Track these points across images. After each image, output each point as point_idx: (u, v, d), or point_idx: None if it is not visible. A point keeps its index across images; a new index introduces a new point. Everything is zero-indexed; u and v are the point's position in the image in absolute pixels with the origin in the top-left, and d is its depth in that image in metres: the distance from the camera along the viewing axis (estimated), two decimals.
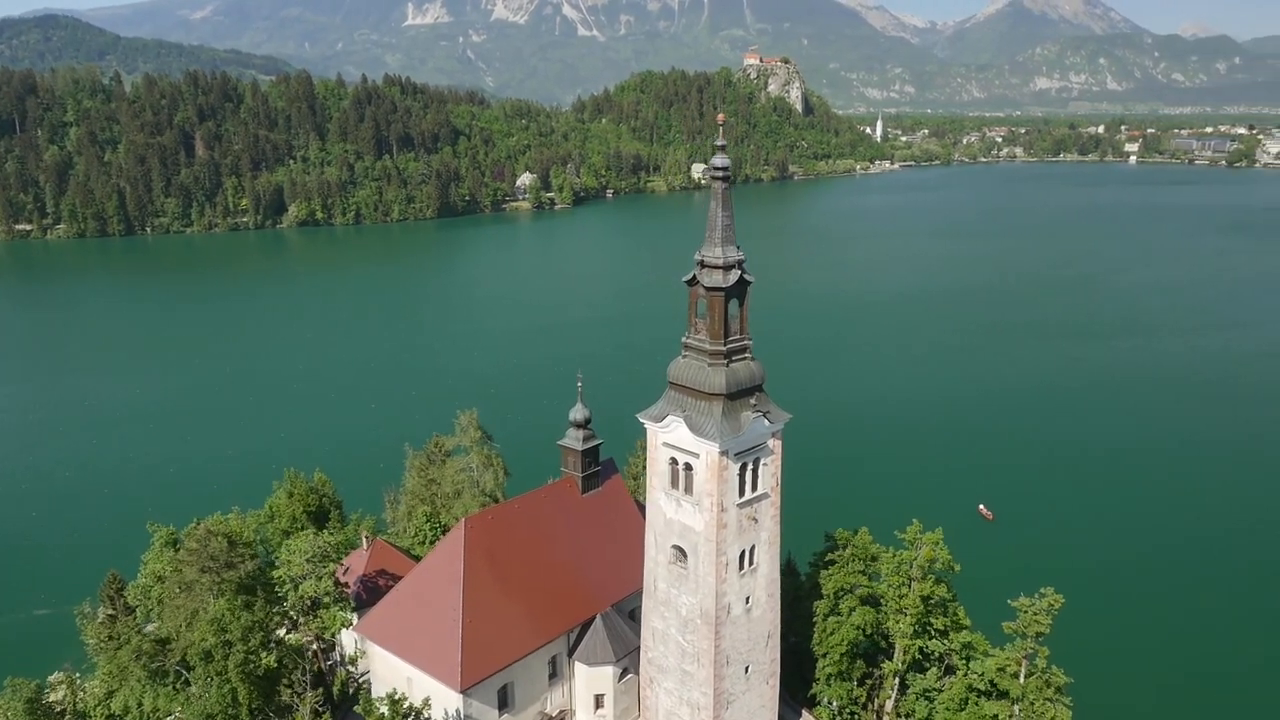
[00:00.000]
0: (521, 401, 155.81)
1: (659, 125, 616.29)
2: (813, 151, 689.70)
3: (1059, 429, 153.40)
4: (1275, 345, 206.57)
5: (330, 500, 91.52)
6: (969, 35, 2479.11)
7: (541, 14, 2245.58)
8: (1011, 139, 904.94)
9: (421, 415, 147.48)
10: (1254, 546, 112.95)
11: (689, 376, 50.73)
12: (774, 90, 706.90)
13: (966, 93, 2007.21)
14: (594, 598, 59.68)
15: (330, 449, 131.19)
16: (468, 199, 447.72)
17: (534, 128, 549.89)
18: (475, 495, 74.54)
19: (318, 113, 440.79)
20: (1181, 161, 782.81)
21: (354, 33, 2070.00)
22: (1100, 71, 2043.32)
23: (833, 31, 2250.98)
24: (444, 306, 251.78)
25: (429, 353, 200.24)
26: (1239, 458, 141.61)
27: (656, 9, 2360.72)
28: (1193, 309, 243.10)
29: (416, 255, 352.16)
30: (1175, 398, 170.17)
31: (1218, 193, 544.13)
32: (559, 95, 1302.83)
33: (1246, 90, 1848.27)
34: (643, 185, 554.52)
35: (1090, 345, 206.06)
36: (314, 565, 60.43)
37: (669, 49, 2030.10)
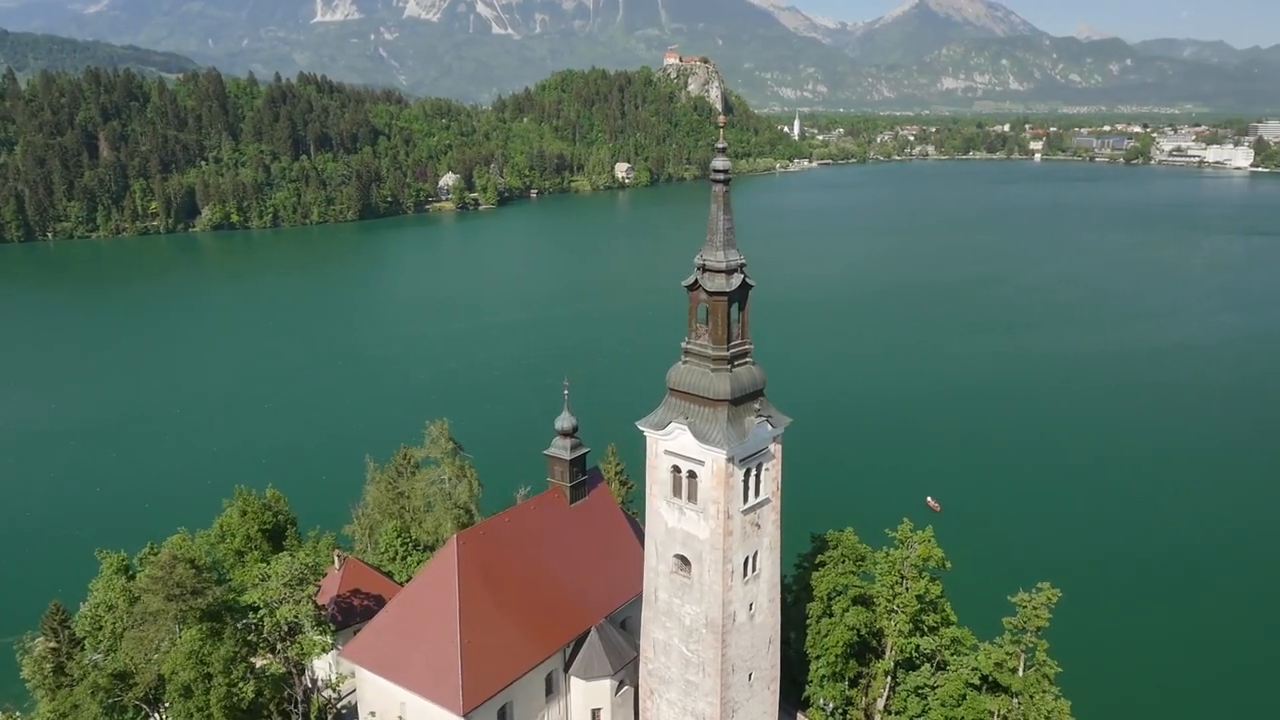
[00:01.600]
0: (472, 409, 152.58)
1: (581, 124, 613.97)
2: (733, 150, 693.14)
3: (1000, 422, 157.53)
4: (1188, 336, 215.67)
5: (285, 517, 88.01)
6: (878, 36, 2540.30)
7: (455, 11, 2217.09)
8: (923, 137, 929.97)
9: (372, 425, 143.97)
10: (1199, 529, 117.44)
11: (691, 382, 49.83)
12: (694, 90, 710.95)
13: (877, 92, 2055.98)
14: (588, 610, 58.35)
15: (280, 464, 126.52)
16: (390, 200, 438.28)
17: (455, 127, 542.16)
18: (448, 508, 72.25)
19: (230, 112, 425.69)
20: (1083, 159, 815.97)
21: (260, 29, 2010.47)
22: (1003, 72, 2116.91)
23: (746, 32, 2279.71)
24: (379, 311, 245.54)
25: (371, 360, 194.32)
26: (1178, 444, 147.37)
27: (571, 8, 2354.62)
28: (1110, 302, 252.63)
29: (343, 258, 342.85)
30: (1110, 388, 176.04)
31: (1118, 189, 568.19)
32: (474, 94, 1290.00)
33: (1137, 90, 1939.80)
34: (567, 185, 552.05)
35: (1016, 339, 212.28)
36: (292, 589, 57.64)
37: (585, 48, 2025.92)
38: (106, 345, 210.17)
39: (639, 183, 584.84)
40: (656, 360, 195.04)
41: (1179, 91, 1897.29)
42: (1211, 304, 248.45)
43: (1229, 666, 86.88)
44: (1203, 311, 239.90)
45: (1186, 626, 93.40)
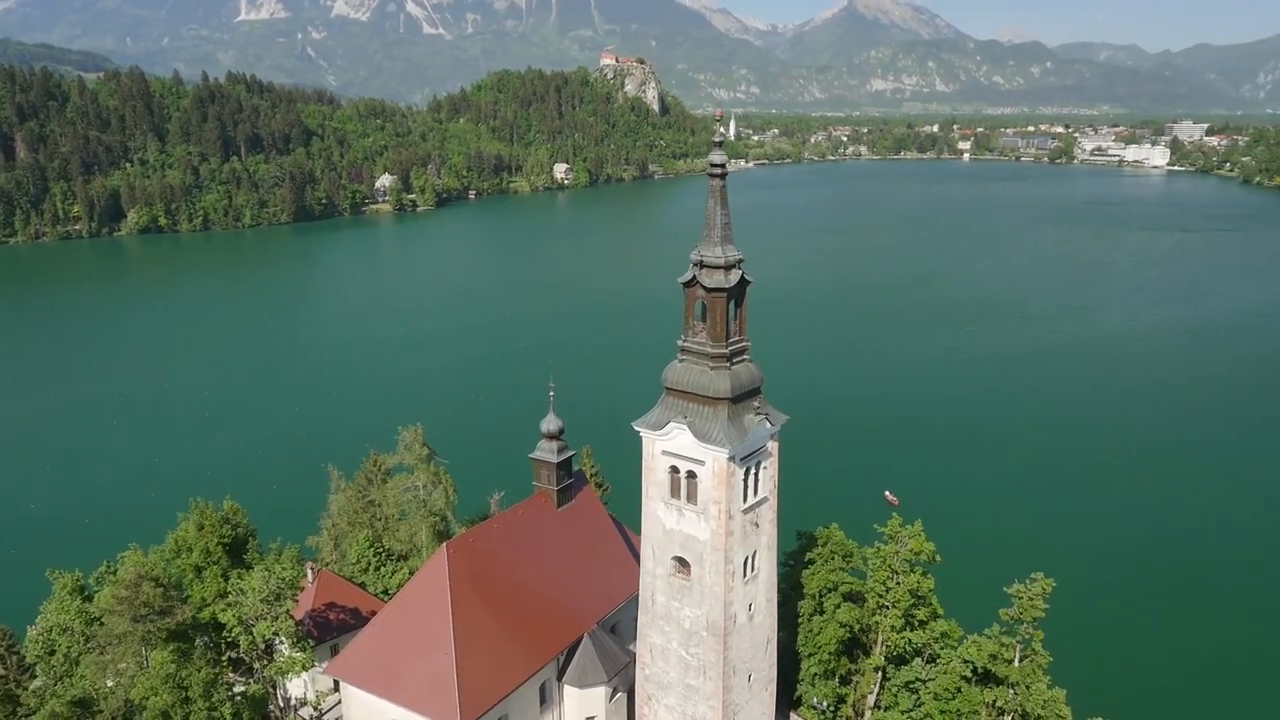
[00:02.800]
0: (432, 413, 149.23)
1: (519, 125, 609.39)
2: (671, 150, 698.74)
3: (955, 415, 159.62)
4: (1123, 328, 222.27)
5: (245, 530, 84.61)
6: (808, 38, 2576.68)
7: (384, 11, 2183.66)
8: (856, 138, 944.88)
9: (328, 432, 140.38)
10: (1165, 514, 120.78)
11: (690, 381, 48.89)
12: (631, 90, 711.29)
13: (808, 93, 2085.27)
14: (579, 616, 57.05)
15: (234, 474, 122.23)
16: (325, 202, 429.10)
17: (390, 128, 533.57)
18: (423, 516, 70.05)
19: (155, 112, 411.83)
20: (1009, 159, 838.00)
21: (181, 28, 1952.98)
22: (930, 74, 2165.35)
23: (679, 33, 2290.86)
24: (324, 316, 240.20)
25: (320, 366, 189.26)
26: (1128, 432, 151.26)
27: (504, 8, 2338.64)
28: (1045, 296, 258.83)
29: (282, 261, 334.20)
30: (1053, 379, 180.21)
31: (1045, 187, 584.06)
32: (406, 94, 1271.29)
33: (1057, 92, 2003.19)
34: (505, 186, 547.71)
35: (961, 334, 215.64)
36: (270, 605, 55.14)
37: (518, 48, 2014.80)
38: (33, 356, 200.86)
39: (578, 183, 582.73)
40: (624, 360, 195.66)
41: (1096, 93, 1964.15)
42: (1142, 298, 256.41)
43: (1209, 649, 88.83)
44: (1134, 305, 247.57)
45: (1163, 611, 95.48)
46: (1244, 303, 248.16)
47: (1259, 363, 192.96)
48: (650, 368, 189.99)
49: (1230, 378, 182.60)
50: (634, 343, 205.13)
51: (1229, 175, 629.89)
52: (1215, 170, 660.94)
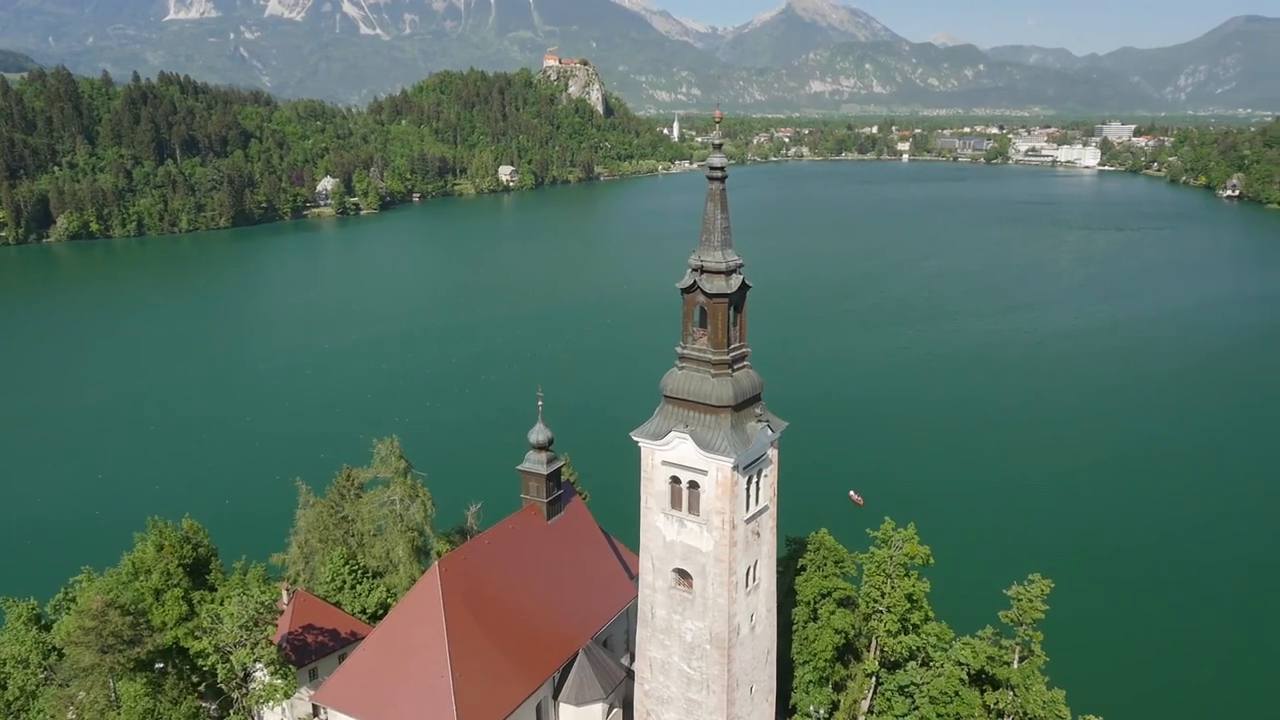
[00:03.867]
0: (391, 423, 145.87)
1: (462, 127, 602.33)
2: (616, 152, 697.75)
3: (919, 414, 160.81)
4: (1068, 324, 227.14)
5: (207, 549, 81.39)
6: (747, 40, 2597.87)
7: (320, 11, 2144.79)
8: (798, 139, 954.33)
9: (288, 445, 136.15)
10: (1129, 510, 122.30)
11: (691, 389, 47.73)
12: (575, 92, 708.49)
13: (749, 95, 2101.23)
14: (573, 632, 55.57)
15: (192, 491, 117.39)
16: (265, 206, 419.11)
17: (331, 130, 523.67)
18: (401, 531, 67.67)
19: (84, 114, 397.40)
20: (947, 159, 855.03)
21: (107, 27, 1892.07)
22: (867, 76, 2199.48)
23: (619, 35, 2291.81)
24: (269, 323, 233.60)
25: (270, 375, 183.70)
26: (1083, 427, 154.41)
27: (442, 9, 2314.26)
28: (992, 295, 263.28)
29: (220, 268, 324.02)
30: (1004, 376, 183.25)
31: (983, 187, 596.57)
32: (344, 95, 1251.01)
33: (990, 94, 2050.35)
34: (450, 188, 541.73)
35: (913, 332, 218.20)
36: (249, 632, 52.55)
37: (457, 49, 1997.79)
38: None
39: (524, 185, 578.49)
40: (595, 363, 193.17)
41: (1027, 95, 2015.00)
42: (1085, 295, 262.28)
43: (1198, 645, 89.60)
44: (1079, 302, 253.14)
45: (1152, 608, 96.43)
46: (1183, 298, 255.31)
47: (1209, 355, 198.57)
48: (620, 369, 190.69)
49: (1182, 371, 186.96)
50: (602, 346, 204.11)
51: (1157, 175, 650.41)
52: (1144, 170, 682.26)
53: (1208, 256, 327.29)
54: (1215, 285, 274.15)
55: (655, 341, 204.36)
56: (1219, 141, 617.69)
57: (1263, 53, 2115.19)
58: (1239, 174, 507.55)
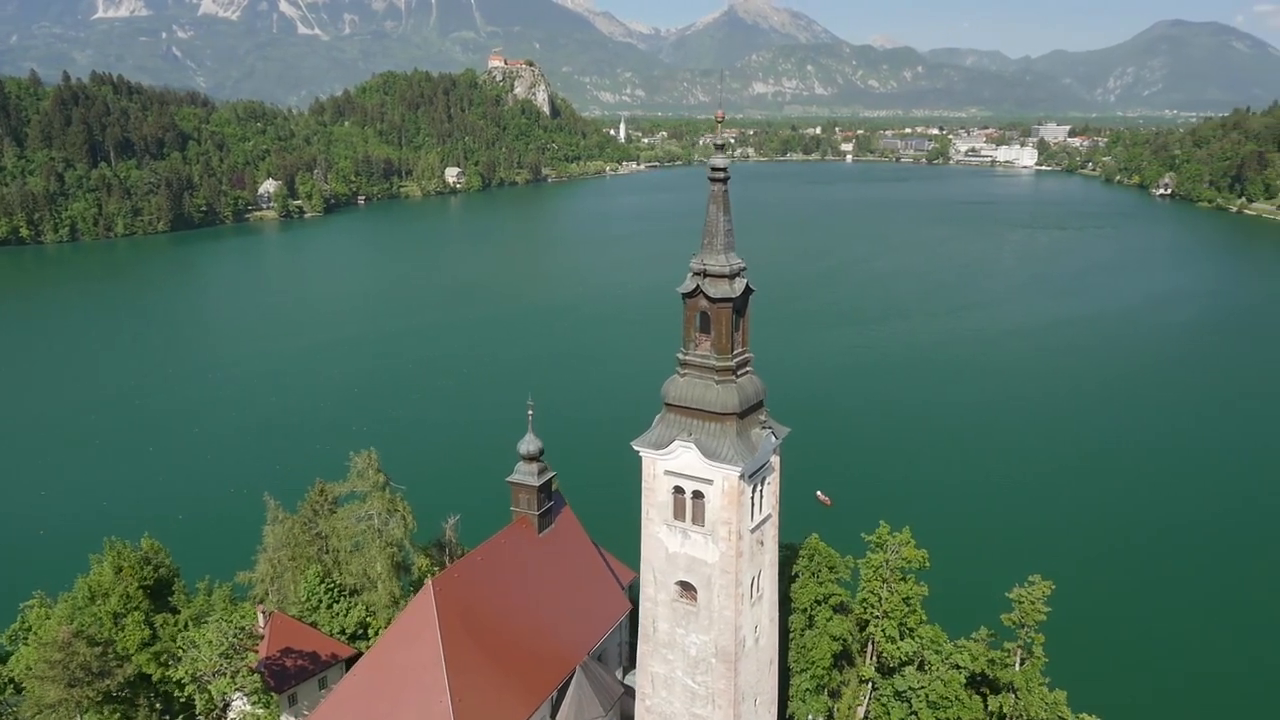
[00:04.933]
0: (349, 433, 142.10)
1: (407, 128, 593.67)
2: (563, 154, 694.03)
3: (876, 411, 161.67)
4: (1015, 322, 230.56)
5: (169, 570, 77.87)
6: (690, 42, 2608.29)
7: (256, 10, 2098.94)
8: (743, 140, 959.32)
9: (248, 458, 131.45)
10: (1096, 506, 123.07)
11: (695, 396, 46.53)
12: (521, 93, 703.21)
13: (692, 96, 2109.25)
14: (570, 648, 53.92)
15: (148, 508, 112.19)
16: (205, 209, 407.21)
17: (272, 131, 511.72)
18: (381, 547, 65.14)
19: (11, 115, 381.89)
20: (890, 159, 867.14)
21: (32, 25, 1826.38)
22: (809, 77, 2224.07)
23: (563, 36, 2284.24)
24: (215, 329, 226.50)
25: (222, 384, 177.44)
26: (1043, 424, 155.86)
27: (382, 9, 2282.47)
28: (940, 293, 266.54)
29: (161, 273, 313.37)
30: (957, 373, 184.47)
31: (926, 187, 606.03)
32: (282, 96, 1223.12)
33: (928, 95, 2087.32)
34: (396, 191, 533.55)
35: (866, 331, 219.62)
36: (228, 660, 49.89)
37: (398, 50, 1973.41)
38: None
39: (471, 187, 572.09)
40: (555, 368, 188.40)
41: (964, 96, 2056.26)
42: (1031, 292, 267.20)
43: (1187, 643, 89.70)
44: (1025, 299, 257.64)
45: (1142, 606, 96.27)
46: (1131, 294, 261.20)
47: (1166, 351, 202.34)
48: (585, 371, 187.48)
49: (1143, 367, 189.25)
50: (565, 349, 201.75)
51: (1092, 175, 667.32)
52: (1079, 170, 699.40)
53: (1149, 254, 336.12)
54: (1161, 281, 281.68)
55: (618, 344, 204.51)
56: (1150, 142, 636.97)
57: (1186, 56, 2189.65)
58: (1171, 173, 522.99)
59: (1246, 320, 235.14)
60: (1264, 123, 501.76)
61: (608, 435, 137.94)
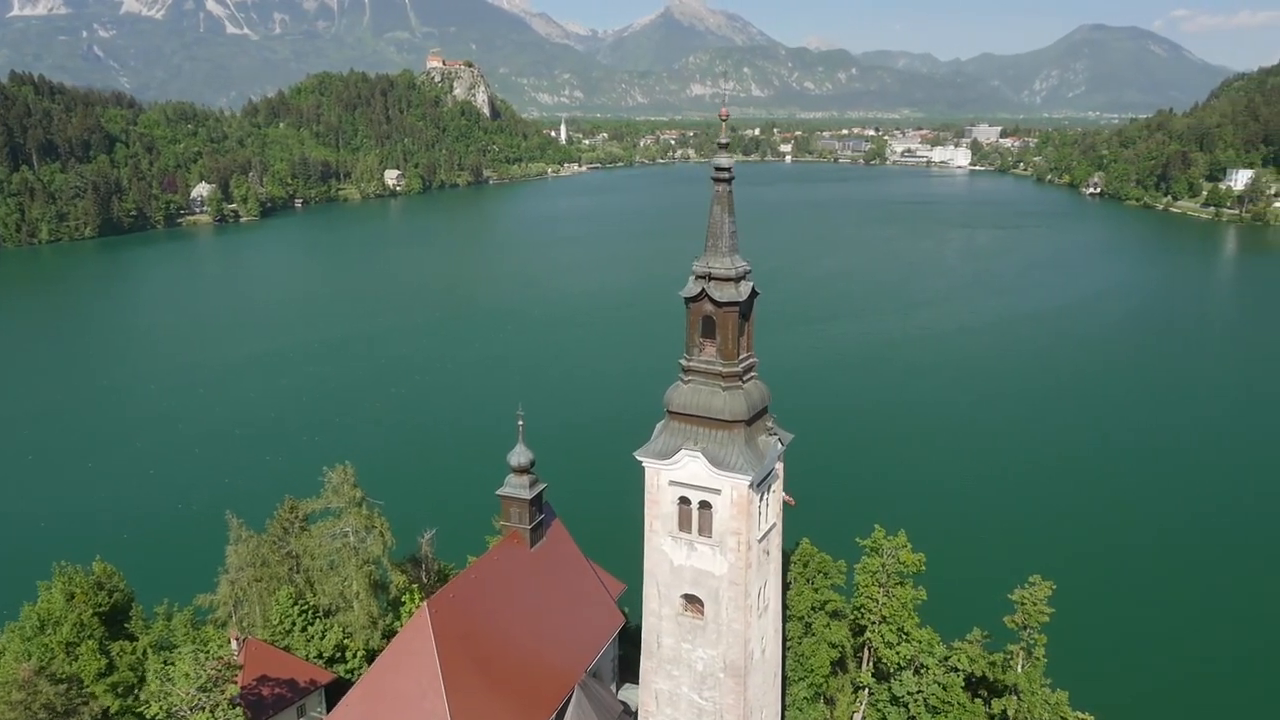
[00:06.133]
0: (298, 443, 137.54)
1: (344, 130, 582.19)
2: (504, 155, 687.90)
3: (839, 410, 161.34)
4: (963, 320, 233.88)
5: (124, 595, 73.85)
6: (628, 44, 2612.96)
7: (182, 9, 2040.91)
8: (683, 141, 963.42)
9: (190, 472, 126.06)
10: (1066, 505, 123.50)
11: (701, 404, 45.04)
12: (460, 94, 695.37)
13: (631, 98, 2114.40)
14: (567, 665, 51.99)
15: (97, 530, 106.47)
16: (134, 214, 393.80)
17: (203, 133, 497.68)
18: (358, 566, 62.28)
19: None
20: (829, 160, 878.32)
21: None
22: (745, 79, 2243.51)
23: (500, 37, 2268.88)
24: (149, 338, 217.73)
25: (161, 395, 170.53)
26: (991, 421, 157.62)
27: (313, 8, 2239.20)
28: (886, 292, 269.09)
29: (90, 280, 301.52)
30: (910, 372, 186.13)
31: (865, 187, 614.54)
32: (211, 98, 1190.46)
33: (862, 97, 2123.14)
34: (334, 193, 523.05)
35: (817, 331, 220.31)
36: (207, 693, 46.76)
37: (331, 50, 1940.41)
38: None
39: (411, 190, 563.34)
40: (516, 375, 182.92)
41: (897, 98, 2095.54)
42: (975, 290, 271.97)
43: (1177, 641, 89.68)
44: (970, 297, 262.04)
45: (1130, 605, 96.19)
46: (1072, 290, 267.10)
47: (1117, 347, 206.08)
48: (556, 376, 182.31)
49: (1095, 362, 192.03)
50: (527, 352, 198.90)
51: (1024, 174, 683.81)
52: (1012, 170, 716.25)
53: (1087, 251, 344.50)
54: (1102, 277, 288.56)
55: (581, 347, 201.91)
56: (1079, 142, 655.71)
57: (1107, 59, 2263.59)
58: (1100, 173, 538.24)
59: (1193, 315, 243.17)
60: (1186, 123, 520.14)
61: (585, 439, 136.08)
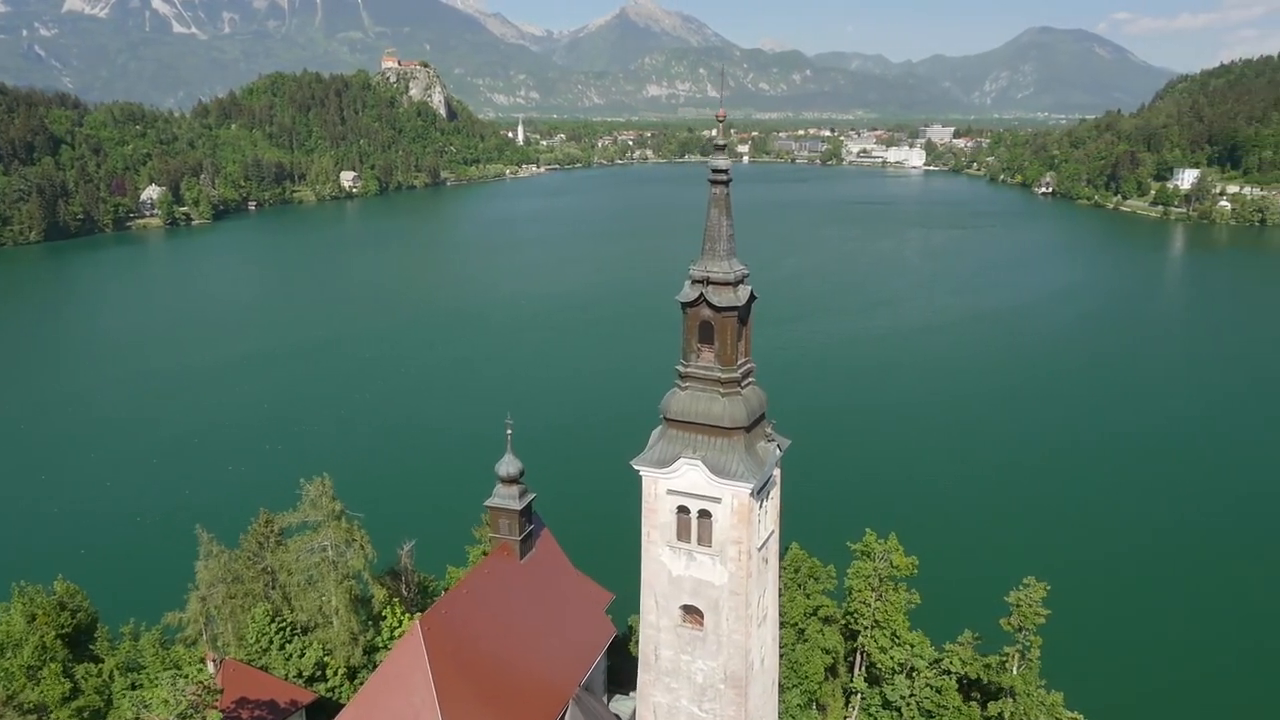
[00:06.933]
0: (260, 454, 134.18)
1: (298, 131, 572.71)
2: (461, 156, 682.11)
3: (815, 412, 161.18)
4: (928, 318, 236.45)
5: (88, 615, 71.17)
6: (583, 44, 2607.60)
7: (126, 7, 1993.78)
8: (641, 142, 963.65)
9: (146, 483, 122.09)
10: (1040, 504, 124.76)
11: (700, 411, 44.03)
12: (416, 94, 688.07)
13: (587, 98, 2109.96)
14: (560, 680, 50.76)
15: (56, 548, 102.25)
16: (82, 217, 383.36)
17: (153, 135, 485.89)
18: (338, 580, 60.39)
19: None
20: (786, 160, 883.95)
21: None
22: (701, 80, 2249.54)
23: (454, 37, 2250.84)
24: (98, 345, 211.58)
25: (118, 404, 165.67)
26: (971, 420, 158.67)
27: (264, 7, 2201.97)
28: (851, 292, 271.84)
29: (36, 286, 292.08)
30: (874, 372, 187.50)
31: (823, 187, 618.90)
32: (158, 98, 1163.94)
33: (817, 98, 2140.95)
34: (289, 195, 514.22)
35: (784, 331, 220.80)
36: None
37: (282, 50, 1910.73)
38: None
39: (368, 191, 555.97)
40: (492, 379, 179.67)
41: (850, 99, 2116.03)
42: (937, 289, 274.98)
43: (1173, 636, 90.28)
44: (932, 295, 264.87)
45: (1121, 604, 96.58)
46: (1033, 288, 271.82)
47: (1081, 343, 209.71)
48: (529, 380, 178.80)
49: (1066, 359, 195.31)
50: (500, 356, 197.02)
51: (977, 174, 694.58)
52: (965, 170, 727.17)
53: (1046, 249, 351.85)
54: (1063, 275, 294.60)
55: (548, 350, 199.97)
56: (1030, 143, 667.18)
57: (1054, 61, 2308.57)
58: (1051, 173, 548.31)
59: (1155, 312, 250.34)
60: (1134, 124, 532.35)
61: (564, 444, 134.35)
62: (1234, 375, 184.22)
